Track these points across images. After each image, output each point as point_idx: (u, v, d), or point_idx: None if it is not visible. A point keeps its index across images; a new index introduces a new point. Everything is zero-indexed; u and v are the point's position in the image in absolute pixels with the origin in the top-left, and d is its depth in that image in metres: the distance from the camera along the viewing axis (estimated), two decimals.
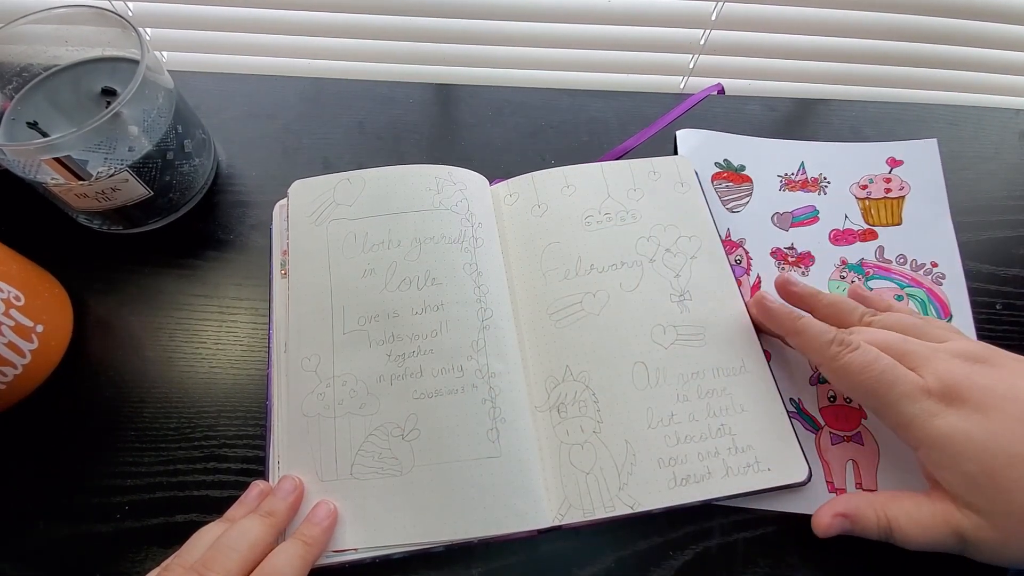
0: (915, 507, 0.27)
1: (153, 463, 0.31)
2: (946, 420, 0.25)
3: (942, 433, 0.25)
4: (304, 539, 0.27)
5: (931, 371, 0.26)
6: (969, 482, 0.25)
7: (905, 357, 0.27)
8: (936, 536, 0.26)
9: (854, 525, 0.28)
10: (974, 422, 0.25)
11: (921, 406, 0.26)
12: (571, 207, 0.37)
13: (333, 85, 0.45)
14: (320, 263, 0.34)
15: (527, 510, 0.28)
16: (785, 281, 0.33)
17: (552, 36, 0.62)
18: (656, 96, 0.45)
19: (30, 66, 0.35)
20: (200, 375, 0.34)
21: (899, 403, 0.26)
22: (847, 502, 0.28)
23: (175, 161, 0.35)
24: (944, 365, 0.26)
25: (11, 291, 0.30)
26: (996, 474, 0.24)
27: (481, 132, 0.43)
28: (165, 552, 0.26)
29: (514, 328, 0.33)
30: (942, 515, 0.26)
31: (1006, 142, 0.43)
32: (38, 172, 0.32)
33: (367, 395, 0.31)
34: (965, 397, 0.25)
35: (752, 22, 0.59)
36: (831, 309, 0.31)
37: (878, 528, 0.27)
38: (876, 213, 0.39)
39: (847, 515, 0.28)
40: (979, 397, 0.25)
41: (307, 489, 0.29)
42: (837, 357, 0.28)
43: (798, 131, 0.43)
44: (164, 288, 0.36)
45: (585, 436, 0.30)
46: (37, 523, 0.30)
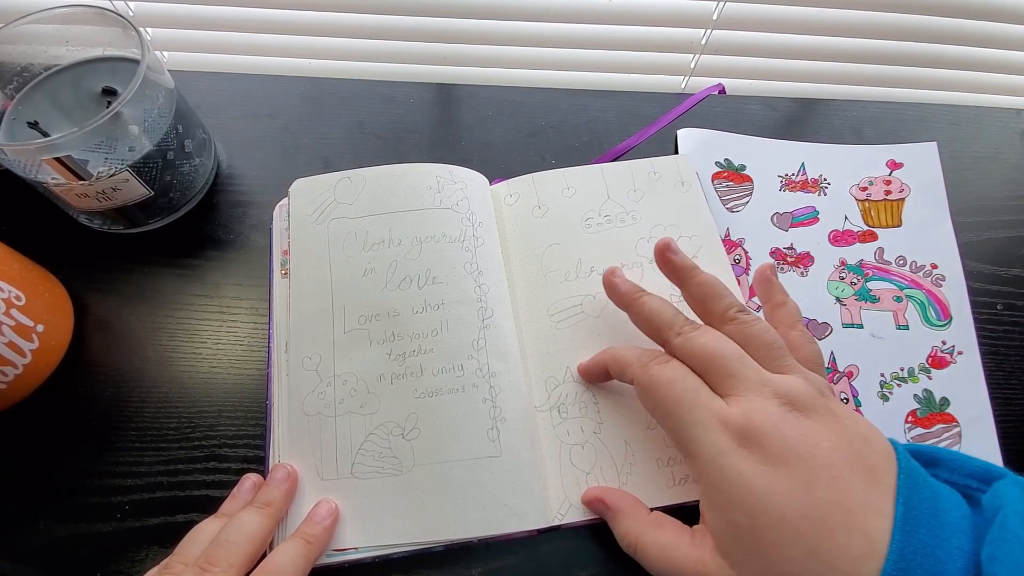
0: (672, 544, 0.25)
1: (153, 463, 0.31)
2: (732, 461, 0.23)
3: (724, 474, 0.23)
4: (306, 537, 0.27)
5: (743, 404, 0.24)
6: (734, 532, 0.23)
7: (727, 379, 0.25)
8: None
9: (610, 521, 0.28)
10: (760, 473, 0.23)
11: (713, 438, 0.24)
12: (571, 209, 0.37)
13: (333, 85, 0.45)
14: (321, 262, 0.34)
15: (527, 510, 0.28)
16: (665, 246, 0.30)
17: (552, 36, 0.62)
18: (657, 96, 0.45)
19: (31, 66, 0.35)
20: (200, 375, 0.34)
21: (692, 428, 0.24)
22: (616, 498, 0.28)
23: (175, 161, 0.35)
24: (759, 403, 0.24)
25: (12, 291, 0.30)
26: (761, 533, 0.22)
27: (481, 132, 0.43)
28: (165, 551, 0.26)
29: (514, 328, 0.33)
30: (694, 562, 0.24)
31: (1007, 142, 0.43)
32: (39, 172, 0.32)
33: (367, 394, 0.31)
34: (763, 444, 0.23)
35: (753, 22, 0.59)
36: (700, 289, 0.29)
37: (625, 543, 0.27)
38: (876, 215, 0.39)
39: (608, 508, 0.28)
40: (776, 449, 0.23)
41: (308, 488, 0.29)
42: (647, 367, 0.27)
43: (799, 131, 0.43)
44: (164, 288, 0.36)
45: (585, 436, 0.30)
46: (37, 523, 0.30)
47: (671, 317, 0.28)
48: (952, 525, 0.21)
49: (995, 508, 0.21)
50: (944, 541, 0.21)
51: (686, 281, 0.29)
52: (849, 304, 0.36)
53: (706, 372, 0.26)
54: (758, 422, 0.23)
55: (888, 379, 0.33)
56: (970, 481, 0.23)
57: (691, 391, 0.25)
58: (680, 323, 0.27)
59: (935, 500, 0.22)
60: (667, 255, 0.30)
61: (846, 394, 0.33)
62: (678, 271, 0.30)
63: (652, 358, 0.27)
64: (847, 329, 0.35)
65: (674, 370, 0.26)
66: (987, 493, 0.23)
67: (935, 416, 0.33)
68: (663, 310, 0.28)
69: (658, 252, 0.30)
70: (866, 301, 0.36)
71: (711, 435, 0.24)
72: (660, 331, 0.28)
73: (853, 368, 0.34)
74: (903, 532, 0.21)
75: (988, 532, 0.21)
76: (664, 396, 0.26)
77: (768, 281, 0.31)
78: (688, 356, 0.26)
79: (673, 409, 0.25)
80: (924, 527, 0.21)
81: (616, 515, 0.28)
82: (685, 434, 0.25)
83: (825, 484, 0.22)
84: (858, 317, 0.35)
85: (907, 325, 0.35)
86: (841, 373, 0.34)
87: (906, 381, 0.33)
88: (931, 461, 0.24)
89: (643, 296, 0.29)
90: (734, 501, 0.23)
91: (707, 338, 0.26)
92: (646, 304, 0.29)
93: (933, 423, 0.32)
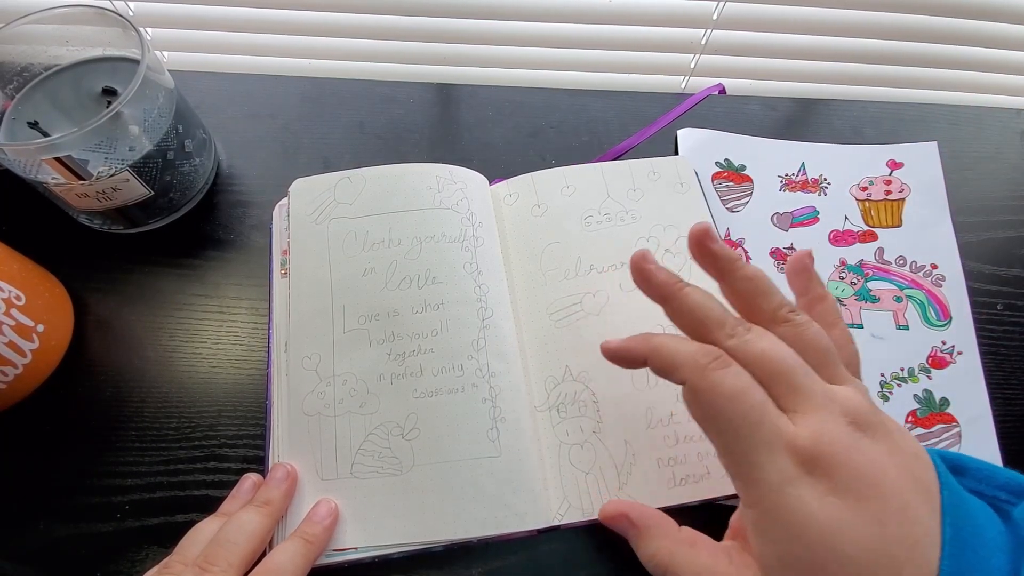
0: (710, 565, 0.23)
1: (153, 463, 0.31)
2: (798, 490, 0.20)
3: (788, 505, 0.20)
4: (305, 537, 0.27)
5: (811, 424, 0.21)
6: (789, 565, 0.21)
7: (793, 393, 0.22)
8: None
9: (634, 539, 0.25)
10: (828, 505, 0.20)
11: (778, 464, 0.21)
12: (571, 207, 0.37)
13: (333, 85, 0.45)
14: (321, 262, 0.34)
15: (527, 510, 0.28)
16: (704, 233, 0.25)
17: (552, 36, 0.62)
18: (657, 96, 0.45)
19: (31, 66, 0.35)
20: (200, 375, 0.34)
21: (755, 451, 0.21)
22: (642, 514, 0.25)
23: (175, 161, 0.35)
24: (829, 424, 0.21)
25: (12, 291, 0.30)
26: (822, 571, 0.20)
27: (481, 132, 0.43)
28: (165, 551, 0.26)
29: (514, 328, 0.33)
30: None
31: (1007, 142, 0.43)
32: (39, 172, 0.32)
33: (367, 394, 0.31)
34: (833, 473, 0.20)
35: (753, 22, 0.59)
36: (746, 284, 0.25)
37: (654, 564, 0.24)
38: (876, 215, 0.38)
39: (635, 525, 0.25)
40: (847, 478, 0.20)
41: (307, 488, 0.29)
42: (705, 371, 0.22)
43: (799, 131, 0.43)
44: (164, 288, 0.36)
45: (585, 436, 0.30)
46: (37, 522, 0.30)
47: (720, 315, 0.24)
48: (992, 543, 0.20)
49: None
50: (987, 561, 0.20)
51: (729, 274, 0.25)
52: (849, 304, 0.36)
53: (769, 383, 0.22)
54: (828, 449, 0.21)
55: (888, 379, 0.33)
56: (999, 493, 0.22)
57: (759, 407, 0.22)
58: (732, 323, 0.24)
59: (974, 517, 0.20)
60: (707, 244, 0.25)
61: None
62: (720, 261, 0.25)
63: (711, 359, 0.23)
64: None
65: (739, 378, 0.22)
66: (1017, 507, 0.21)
67: (935, 416, 0.33)
68: (711, 305, 0.24)
69: (695, 239, 0.25)
70: (866, 301, 0.36)
71: (776, 460, 0.21)
72: (708, 330, 0.24)
73: None
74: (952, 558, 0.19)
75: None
76: (726, 409, 0.22)
77: (806, 270, 0.28)
78: (745, 362, 0.23)
79: (737, 426, 0.22)
80: (970, 549, 0.20)
81: (643, 533, 0.25)
82: (746, 456, 0.22)
83: (895, 517, 0.20)
84: (858, 317, 0.35)
85: (907, 325, 0.35)
86: None
87: (906, 381, 0.33)
88: (957, 469, 0.23)
89: (685, 287, 0.25)
90: (796, 534, 0.20)
91: (766, 343, 0.23)
92: (689, 296, 0.24)
93: (933, 423, 0.32)
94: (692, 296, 0.25)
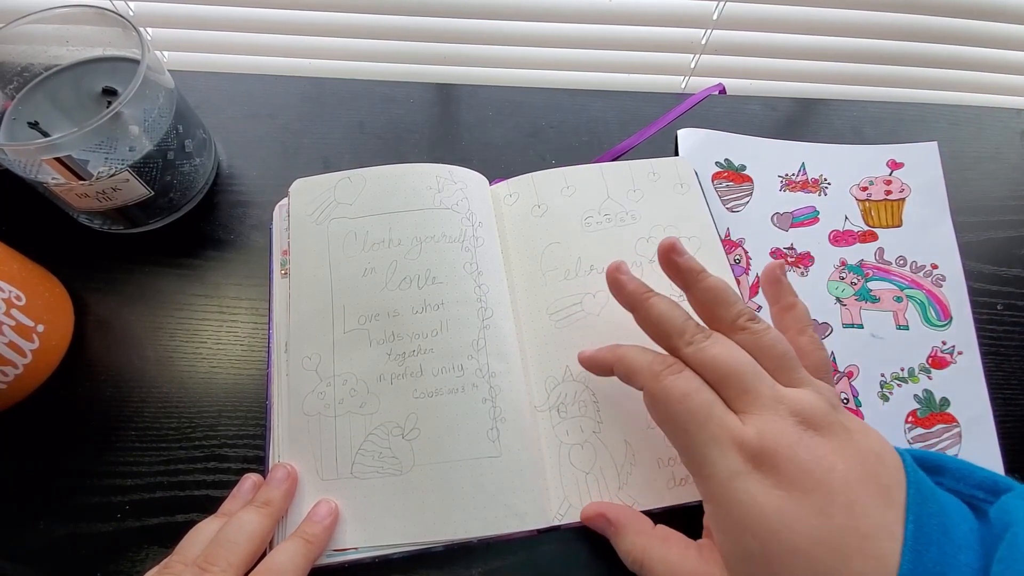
0: (680, 559, 0.25)
1: (153, 463, 0.31)
2: (746, 484, 0.22)
3: (736, 497, 0.22)
4: (305, 537, 0.27)
5: (759, 423, 0.23)
6: (745, 556, 0.22)
7: (742, 394, 0.24)
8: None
9: (612, 537, 0.27)
10: (774, 498, 0.22)
11: (726, 459, 0.23)
12: (571, 208, 0.37)
13: (333, 85, 0.45)
14: (321, 262, 0.34)
15: (527, 510, 0.28)
16: (670, 247, 0.28)
17: (552, 36, 0.62)
18: (657, 96, 0.45)
19: (31, 66, 0.35)
20: (200, 375, 0.34)
21: (705, 446, 0.23)
22: (618, 513, 0.27)
23: (176, 161, 0.35)
24: (776, 423, 0.23)
25: (12, 291, 0.30)
26: (774, 559, 0.21)
27: (481, 132, 0.43)
28: (165, 552, 0.26)
29: (514, 328, 0.33)
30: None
31: (1007, 142, 0.43)
32: (39, 172, 0.32)
33: (367, 394, 0.31)
34: (779, 467, 0.22)
35: (753, 22, 0.59)
36: (707, 294, 0.27)
37: (630, 559, 0.26)
38: (876, 215, 0.38)
39: (612, 523, 0.27)
40: (792, 473, 0.22)
41: (308, 488, 0.29)
42: (658, 377, 0.25)
43: (799, 131, 0.43)
44: (164, 288, 0.36)
45: (585, 436, 0.30)
46: (37, 522, 0.30)
47: (681, 323, 0.26)
48: (960, 540, 0.21)
49: (1004, 524, 0.21)
50: (953, 558, 0.20)
51: (692, 285, 0.28)
52: (849, 304, 0.36)
53: (720, 385, 0.24)
54: (773, 444, 0.22)
55: (888, 379, 0.33)
56: (976, 492, 0.23)
57: (706, 406, 0.24)
58: (691, 330, 0.26)
59: (943, 515, 0.21)
60: (671, 256, 0.28)
61: (846, 394, 0.33)
62: (683, 274, 0.28)
63: (664, 367, 0.25)
64: (847, 329, 0.35)
65: (687, 382, 0.24)
66: (994, 506, 0.22)
67: (935, 416, 0.33)
68: (672, 314, 0.27)
69: (662, 253, 0.28)
70: (866, 301, 0.36)
71: (725, 456, 0.23)
72: (669, 337, 0.26)
73: (853, 368, 0.34)
74: (914, 552, 0.20)
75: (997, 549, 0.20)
76: (676, 410, 0.24)
77: (777, 281, 0.30)
78: (700, 367, 0.25)
79: (685, 424, 0.24)
80: (934, 545, 0.20)
81: (619, 531, 0.27)
82: (697, 452, 0.23)
83: (841, 509, 0.21)
84: (858, 317, 0.35)
85: (907, 325, 0.35)
86: (841, 373, 0.33)
87: (906, 381, 0.33)
88: (936, 469, 0.24)
89: (651, 297, 0.28)
90: (745, 525, 0.22)
91: (719, 348, 0.25)
92: (654, 306, 0.27)
93: (933, 423, 0.32)
94: (656, 306, 0.27)
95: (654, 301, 0.27)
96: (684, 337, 0.26)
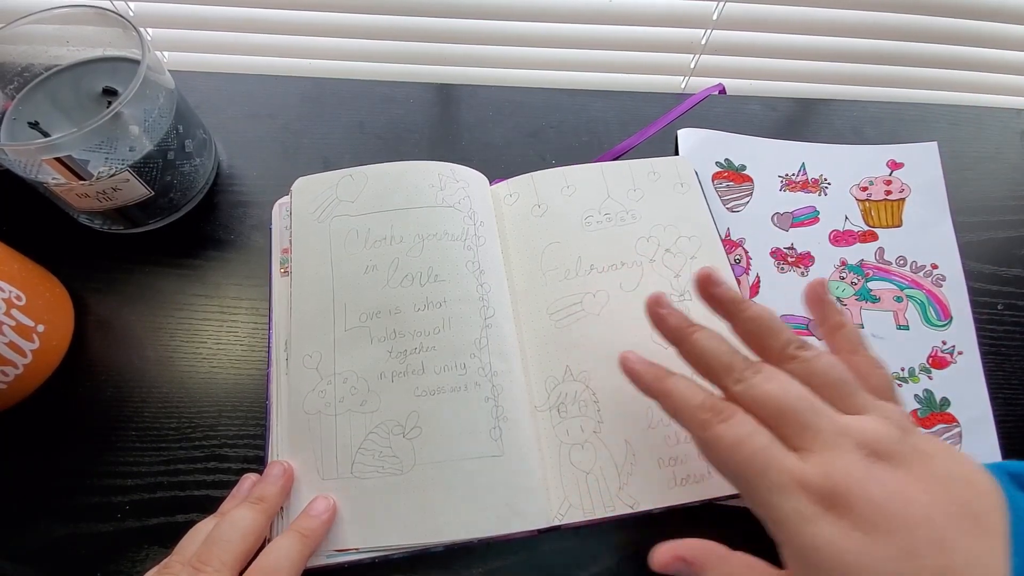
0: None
1: (154, 463, 0.31)
2: (820, 529, 0.20)
3: (811, 544, 0.20)
4: (302, 532, 0.27)
5: (822, 461, 0.21)
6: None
7: (800, 432, 0.22)
8: None
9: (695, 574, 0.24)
10: (852, 541, 0.20)
11: (794, 504, 0.21)
12: (571, 207, 0.37)
13: (333, 85, 0.45)
14: (322, 260, 0.34)
15: (530, 510, 0.28)
16: (707, 279, 0.27)
17: (553, 36, 0.62)
18: (657, 96, 0.45)
19: (31, 66, 0.35)
20: (201, 375, 0.34)
21: (769, 495, 0.21)
22: (694, 549, 0.24)
23: (176, 161, 0.35)
24: (841, 459, 0.21)
25: (12, 291, 0.30)
26: None
27: (481, 132, 0.43)
28: (165, 552, 0.26)
29: (514, 327, 0.33)
30: None
31: (1007, 142, 0.43)
32: (39, 172, 0.32)
33: (368, 392, 0.31)
34: (853, 508, 0.20)
35: (753, 22, 0.59)
36: (751, 325, 0.26)
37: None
38: (876, 215, 0.38)
39: (689, 562, 0.24)
40: (867, 512, 0.20)
41: (308, 488, 0.29)
42: (706, 426, 0.23)
43: (799, 131, 0.43)
44: (165, 288, 0.36)
45: (585, 436, 0.30)
46: (38, 522, 0.30)
47: (728, 359, 0.25)
48: None
49: None
50: None
51: (735, 315, 0.26)
52: (850, 304, 0.36)
53: (776, 424, 0.23)
54: (842, 483, 0.20)
55: None
56: None
57: (761, 452, 0.22)
58: (739, 366, 0.24)
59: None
60: (711, 290, 0.27)
61: None
62: (725, 305, 0.27)
63: (713, 413, 0.23)
64: None
65: (739, 427, 0.23)
66: None
67: (936, 416, 0.33)
68: (719, 350, 0.25)
69: (700, 287, 0.27)
70: (866, 301, 0.36)
71: (792, 501, 0.21)
72: (717, 375, 0.25)
73: None
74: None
75: None
76: (731, 459, 0.22)
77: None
78: (752, 405, 0.23)
79: (744, 473, 0.22)
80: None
81: (702, 570, 0.24)
82: (761, 500, 0.22)
83: (927, 547, 0.19)
84: (858, 317, 0.35)
85: (907, 325, 0.35)
86: None
87: (907, 381, 0.33)
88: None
89: (696, 332, 0.26)
90: (825, 572, 0.20)
91: (772, 385, 0.23)
92: (698, 342, 0.26)
93: (934, 423, 0.32)
94: (701, 341, 0.26)
95: (698, 336, 0.26)
96: (733, 375, 0.24)
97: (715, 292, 0.27)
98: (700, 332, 0.26)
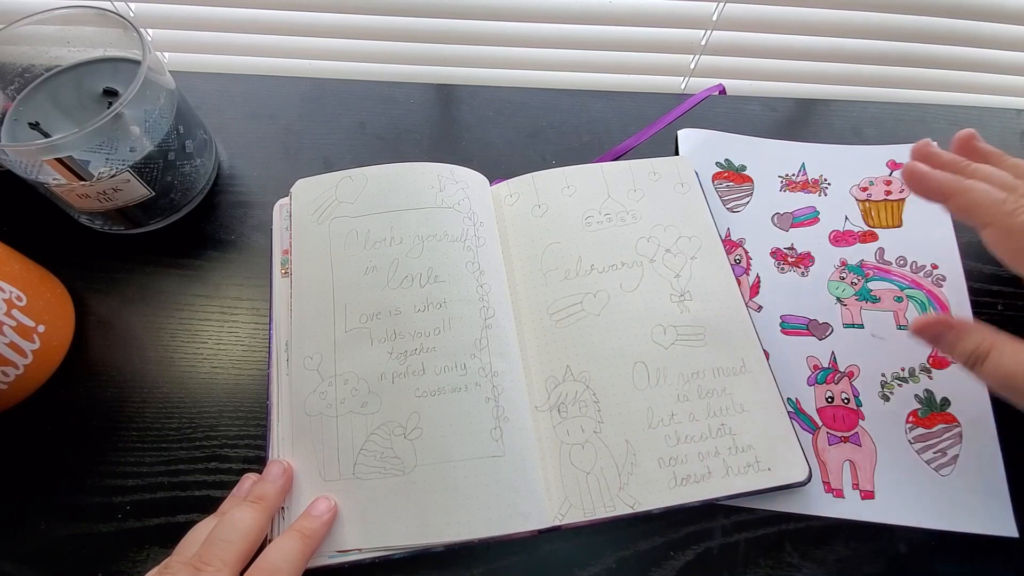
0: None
1: (154, 463, 0.31)
2: None
3: None
4: (302, 531, 0.27)
5: None
6: None
7: None
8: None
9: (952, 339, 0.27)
10: None
11: None
12: (571, 207, 0.37)
13: (334, 86, 0.45)
14: (322, 261, 0.34)
15: (529, 510, 0.28)
16: (972, 135, 0.31)
17: (553, 37, 0.62)
18: (657, 96, 0.45)
19: (32, 67, 0.35)
20: (201, 375, 0.34)
21: None
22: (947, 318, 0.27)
23: (176, 161, 0.35)
24: None
25: (13, 291, 0.30)
26: None
27: (482, 132, 0.43)
28: (166, 552, 0.26)
29: (515, 328, 0.33)
30: None
31: (1007, 142, 0.43)
32: (40, 172, 0.32)
33: (369, 393, 0.31)
34: None
35: (753, 23, 0.59)
36: (1019, 169, 0.29)
37: (975, 348, 0.26)
38: (876, 215, 0.39)
39: (954, 327, 0.27)
40: None
41: (310, 490, 0.29)
42: (1015, 214, 0.26)
43: (799, 131, 0.43)
44: (165, 288, 0.36)
45: (586, 436, 0.30)
46: (38, 523, 0.30)
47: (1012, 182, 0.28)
48: None
49: None
50: None
51: (999, 164, 0.30)
52: (850, 304, 0.36)
53: None
54: None
55: (889, 379, 0.33)
56: None
57: None
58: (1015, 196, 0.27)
59: None
60: (975, 143, 0.31)
61: (847, 394, 0.33)
62: (989, 157, 0.30)
63: (1018, 205, 0.26)
64: (848, 329, 0.35)
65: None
66: None
67: (936, 416, 0.33)
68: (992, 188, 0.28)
69: (964, 139, 0.31)
70: (867, 301, 0.36)
71: None
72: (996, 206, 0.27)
73: (854, 368, 0.34)
74: None
75: None
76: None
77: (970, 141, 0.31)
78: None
79: None
80: None
81: (963, 330, 0.27)
82: None
83: None
84: (859, 317, 0.35)
85: (908, 325, 0.35)
86: (842, 373, 0.34)
87: (907, 381, 0.33)
88: None
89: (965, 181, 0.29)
90: None
91: None
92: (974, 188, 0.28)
93: (934, 423, 0.32)
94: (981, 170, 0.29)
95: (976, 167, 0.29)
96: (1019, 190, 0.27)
97: (979, 145, 0.31)
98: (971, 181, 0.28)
